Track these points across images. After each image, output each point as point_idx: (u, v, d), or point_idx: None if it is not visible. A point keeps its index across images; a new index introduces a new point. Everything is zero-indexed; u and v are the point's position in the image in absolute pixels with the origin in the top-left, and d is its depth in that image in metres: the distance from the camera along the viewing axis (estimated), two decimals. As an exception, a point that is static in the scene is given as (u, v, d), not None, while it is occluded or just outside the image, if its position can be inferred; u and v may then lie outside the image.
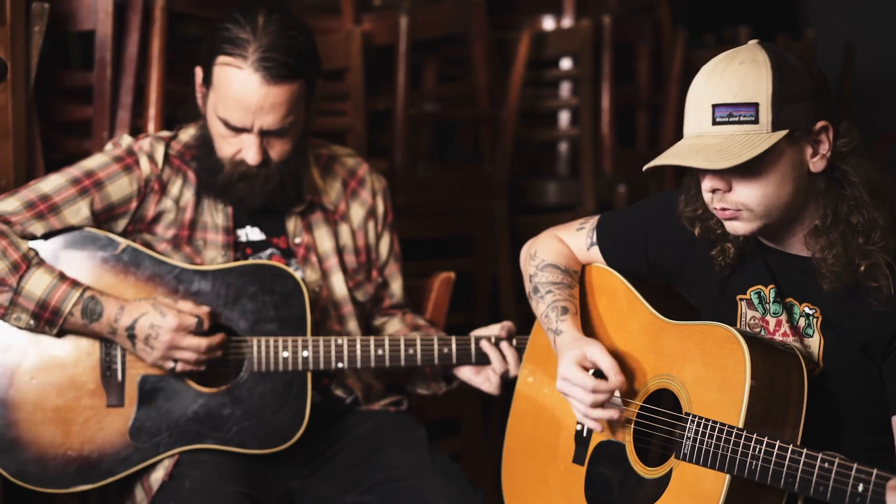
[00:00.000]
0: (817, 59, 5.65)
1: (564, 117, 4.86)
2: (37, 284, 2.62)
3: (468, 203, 4.31)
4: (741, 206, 2.20)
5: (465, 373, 2.89)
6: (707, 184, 2.21)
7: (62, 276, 2.65)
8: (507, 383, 2.86)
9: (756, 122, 2.15)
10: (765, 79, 2.15)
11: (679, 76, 5.00)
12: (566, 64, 4.77)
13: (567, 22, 4.99)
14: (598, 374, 2.40)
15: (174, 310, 2.65)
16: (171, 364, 2.66)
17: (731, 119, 2.16)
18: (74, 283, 2.65)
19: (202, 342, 2.66)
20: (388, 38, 4.04)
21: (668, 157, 2.20)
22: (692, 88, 2.22)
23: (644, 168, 2.25)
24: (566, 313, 2.50)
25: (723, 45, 5.36)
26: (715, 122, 2.17)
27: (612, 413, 2.38)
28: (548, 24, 5.08)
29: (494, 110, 4.45)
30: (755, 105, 2.14)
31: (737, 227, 2.24)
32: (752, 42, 2.23)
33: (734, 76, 2.16)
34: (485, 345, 2.83)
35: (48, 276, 2.63)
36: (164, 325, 2.63)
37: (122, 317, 2.64)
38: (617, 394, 2.40)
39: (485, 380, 2.88)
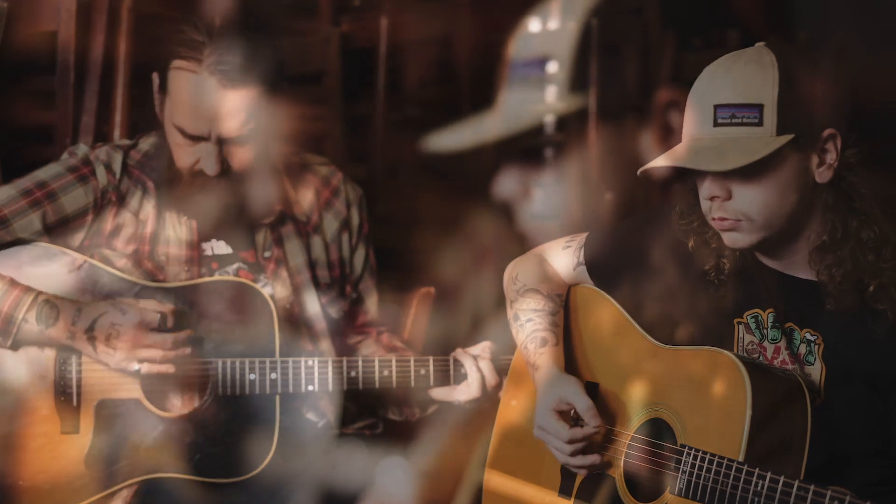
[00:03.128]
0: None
1: (550, 122, 4.78)
2: None
3: (451, 211, 4.21)
4: (741, 216, 2.12)
5: (440, 391, 2.78)
6: (706, 191, 2.14)
7: (13, 282, 2.57)
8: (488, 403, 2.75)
9: (760, 124, 2.07)
10: (771, 80, 2.08)
11: (668, 80, 4.95)
12: (552, 67, 4.69)
13: (553, 24, 4.92)
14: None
15: (135, 307, 2.57)
16: (135, 365, 2.56)
17: (733, 121, 2.09)
18: (27, 289, 2.57)
19: (167, 337, 2.58)
20: (367, 40, 4.02)
21: (666, 159, 2.13)
22: (693, 89, 2.16)
23: (639, 171, 2.18)
24: (545, 345, 2.41)
25: (712, 48, 5.33)
26: (716, 124, 2.10)
27: (593, 459, 2.29)
28: (534, 25, 5.01)
29: (478, 115, 4.37)
30: (759, 106, 2.08)
31: (736, 240, 2.15)
32: (759, 44, 2.16)
33: (739, 76, 2.10)
34: (460, 354, 2.73)
35: None
36: (125, 322, 2.55)
37: (80, 318, 2.56)
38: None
39: (460, 392, 2.75)
